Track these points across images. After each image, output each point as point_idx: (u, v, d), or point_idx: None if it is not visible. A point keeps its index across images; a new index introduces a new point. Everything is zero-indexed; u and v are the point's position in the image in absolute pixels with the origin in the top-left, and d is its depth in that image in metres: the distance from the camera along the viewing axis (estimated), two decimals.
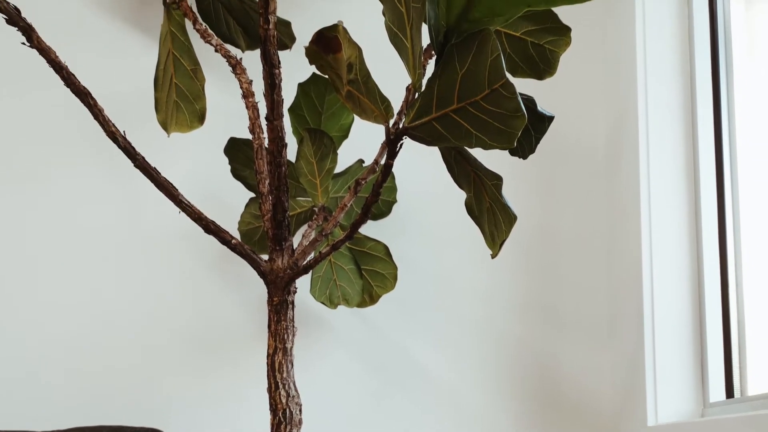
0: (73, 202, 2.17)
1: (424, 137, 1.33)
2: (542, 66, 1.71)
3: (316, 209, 1.91)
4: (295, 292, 1.61)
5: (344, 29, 1.32)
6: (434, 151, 1.50)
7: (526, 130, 1.56)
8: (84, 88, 1.50)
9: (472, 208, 1.50)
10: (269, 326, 1.58)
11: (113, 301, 2.14)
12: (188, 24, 1.96)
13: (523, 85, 1.47)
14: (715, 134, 1.96)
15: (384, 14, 1.38)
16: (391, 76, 1.68)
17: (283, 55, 1.61)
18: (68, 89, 1.51)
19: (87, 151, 2.17)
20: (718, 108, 1.96)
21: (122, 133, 1.53)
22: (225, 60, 1.84)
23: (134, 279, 2.16)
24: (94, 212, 2.17)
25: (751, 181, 1.89)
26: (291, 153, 1.80)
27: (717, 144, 1.95)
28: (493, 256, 1.46)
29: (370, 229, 2.08)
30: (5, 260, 2.14)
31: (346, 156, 1.99)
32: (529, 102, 1.55)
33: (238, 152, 1.95)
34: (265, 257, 1.61)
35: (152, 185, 1.58)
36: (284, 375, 1.56)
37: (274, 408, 1.57)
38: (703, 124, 1.96)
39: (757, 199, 1.87)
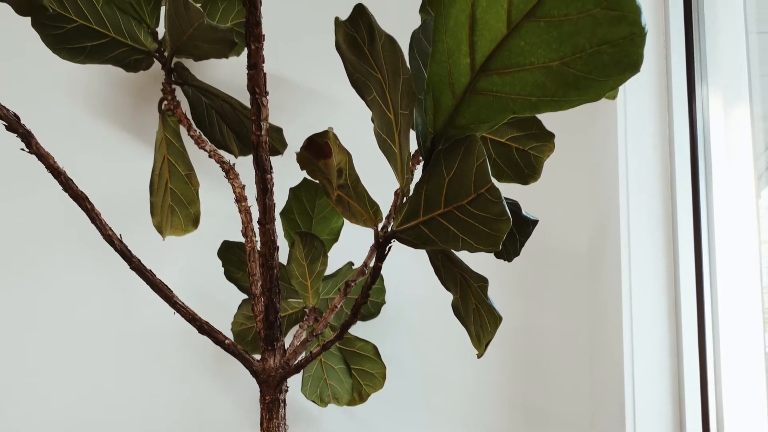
0: (72, 301, 2.19)
1: (412, 240, 1.33)
2: (527, 171, 1.74)
3: (307, 310, 1.92)
4: (286, 390, 1.62)
5: (334, 135, 1.35)
6: (422, 254, 1.52)
7: (511, 234, 1.57)
8: (81, 192, 1.52)
9: (458, 310, 1.50)
10: (261, 424, 1.59)
11: (112, 396, 2.15)
12: (183, 130, 2.00)
13: (508, 190, 1.49)
14: (694, 241, 1.99)
15: (373, 121, 1.41)
16: (379, 181, 1.71)
17: (275, 160, 1.64)
18: (66, 193, 1.52)
19: (85, 252, 2.20)
20: (698, 214, 2.00)
21: (119, 237, 1.54)
22: (218, 165, 1.87)
23: (132, 376, 2.17)
24: (92, 311, 2.19)
25: (730, 286, 1.93)
26: (283, 256, 1.83)
27: (696, 250, 1.98)
28: (479, 356, 1.47)
29: (359, 329, 2.10)
30: (4, 356, 2.15)
31: (336, 258, 2.02)
32: (514, 206, 1.57)
33: (231, 255, 1.97)
34: (258, 357, 1.62)
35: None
36: None
37: None
38: (683, 230, 1.99)
39: (736, 304, 1.91)
